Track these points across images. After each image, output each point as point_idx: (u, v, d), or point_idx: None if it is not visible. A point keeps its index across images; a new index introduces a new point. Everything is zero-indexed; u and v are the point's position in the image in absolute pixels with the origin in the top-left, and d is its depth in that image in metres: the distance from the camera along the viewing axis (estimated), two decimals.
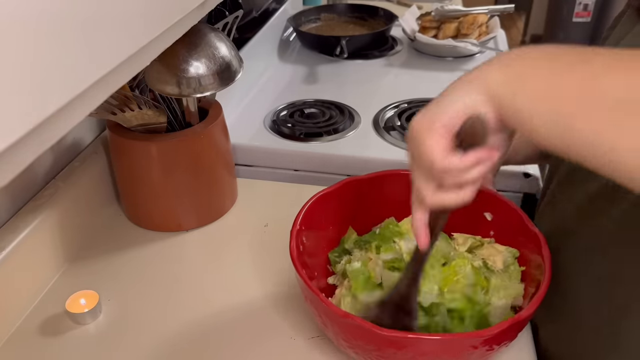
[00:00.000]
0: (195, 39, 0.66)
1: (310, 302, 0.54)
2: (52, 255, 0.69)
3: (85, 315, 0.63)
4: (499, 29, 1.37)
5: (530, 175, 0.87)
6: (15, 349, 0.60)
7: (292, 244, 0.58)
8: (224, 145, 0.77)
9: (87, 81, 0.30)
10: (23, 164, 0.27)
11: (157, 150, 0.71)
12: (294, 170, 0.93)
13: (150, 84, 0.67)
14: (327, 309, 0.51)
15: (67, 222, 0.71)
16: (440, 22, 1.37)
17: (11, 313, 0.63)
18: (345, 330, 0.52)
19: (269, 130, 1.00)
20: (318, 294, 0.52)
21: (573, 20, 3.13)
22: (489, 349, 0.51)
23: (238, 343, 0.61)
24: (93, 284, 0.68)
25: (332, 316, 0.51)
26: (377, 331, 0.48)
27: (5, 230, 0.63)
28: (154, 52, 0.40)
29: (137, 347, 0.61)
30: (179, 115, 0.77)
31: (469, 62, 1.31)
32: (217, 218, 0.79)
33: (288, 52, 1.36)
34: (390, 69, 1.28)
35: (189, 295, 0.67)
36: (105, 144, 0.80)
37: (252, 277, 0.70)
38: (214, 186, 0.77)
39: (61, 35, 0.27)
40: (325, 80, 1.21)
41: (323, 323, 0.54)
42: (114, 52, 0.32)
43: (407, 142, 0.47)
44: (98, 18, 0.30)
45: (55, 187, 0.71)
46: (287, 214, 0.64)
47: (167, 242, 0.75)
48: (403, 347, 0.49)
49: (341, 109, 1.06)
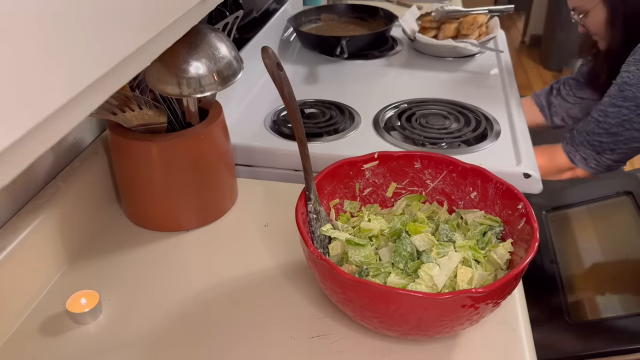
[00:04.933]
0: (195, 39, 0.66)
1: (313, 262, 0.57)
2: (52, 255, 0.69)
3: (86, 315, 0.63)
4: (499, 29, 1.37)
5: (530, 176, 0.87)
6: (16, 349, 0.60)
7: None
8: (224, 145, 0.78)
9: (87, 81, 0.30)
10: (23, 164, 0.27)
11: (158, 150, 0.71)
12: (294, 170, 0.93)
13: (150, 84, 0.67)
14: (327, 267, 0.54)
15: (68, 222, 0.71)
16: (440, 23, 1.37)
17: (12, 313, 0.63)
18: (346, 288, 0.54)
19: (269, 130, 1.00)
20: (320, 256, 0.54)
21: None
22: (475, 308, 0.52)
23: (238, 343, 0.61)
24: (93, 284, 0.68)
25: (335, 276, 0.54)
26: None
27: (5, 230, 0.63)
28: (154, 52, 0.40)
29: (137, 347, 0.61)
30: (179, 116, 0.77)
31: (469, 63, 1.31)
32: (217, 218, 0.80)
33: (288, 52, 1.36)
34: (390, 69, 1.28)
35: (189, 295, 0.67)
36: (105, 144, 0.80)
37: (252, 276, 0.70)
38: (214, 186, 0.77)
39: (60, 34, 0.27)
40: (325, 80, 1.22)
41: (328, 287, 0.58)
42: (114, 52, 0.32)
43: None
44: (97, 17, 0.30)
45: (56, 187, 0.71)
46: (287, 214, 0.64)
47: (167, 242, 0.76)
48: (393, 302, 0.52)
49: (341, 109, 1.06)
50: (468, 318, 0.54)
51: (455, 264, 0.60)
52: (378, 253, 0.63)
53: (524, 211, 0.61)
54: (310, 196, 0.64)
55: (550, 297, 1.06)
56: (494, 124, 1.02)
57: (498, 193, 0.66)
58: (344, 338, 0.61)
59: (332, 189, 0.69)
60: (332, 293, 0.57)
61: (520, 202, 0.62)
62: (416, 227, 0.64)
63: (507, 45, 1.42)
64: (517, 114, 1.05)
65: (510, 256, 0.62)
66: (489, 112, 1.06)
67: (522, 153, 0.92)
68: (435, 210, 0.71)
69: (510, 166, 0.89)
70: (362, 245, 0.63)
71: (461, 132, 0.99)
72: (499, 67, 1.28)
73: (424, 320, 0.53)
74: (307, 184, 0.64)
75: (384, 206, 0.73)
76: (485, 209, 0.68)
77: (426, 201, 0.72)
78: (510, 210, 0.64)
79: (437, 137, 0.97)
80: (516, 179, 0.87)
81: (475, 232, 0.65)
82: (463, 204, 0.70)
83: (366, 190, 0.72)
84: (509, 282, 0.53)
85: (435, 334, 0.56)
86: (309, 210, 0.64)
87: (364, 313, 0.56)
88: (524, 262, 0.54)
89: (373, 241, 0.66)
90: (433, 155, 0.70)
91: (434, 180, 0.71)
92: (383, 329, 0.57)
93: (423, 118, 1.03)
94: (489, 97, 1.13)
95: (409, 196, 0.72)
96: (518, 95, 1.15)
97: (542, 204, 1.29)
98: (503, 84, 1.20)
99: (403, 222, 0.66)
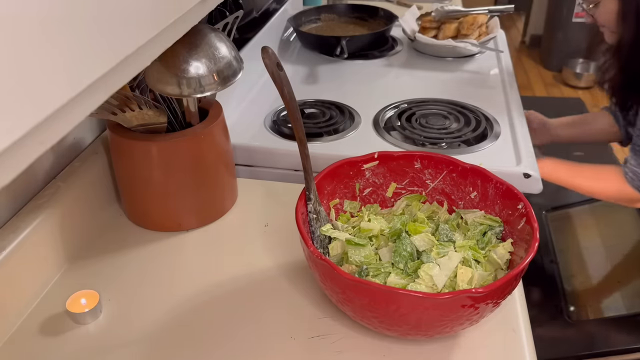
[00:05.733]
0: (195, 39, 0.66)
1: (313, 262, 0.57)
2: (52, 255, 0.69)
3: (86, 315, 0.63)
4: (499, 29, 1.37)
5: (530, 176, 0.87)
6: (16, 349, 0.60)
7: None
8: (224, 145, 0.78)
9: (87, 80, 0.30)
10: (23, 164, 0.27)
11: (158, 150, 0.71)
12: (294, 170, 0.93)
13: (150, 84, 0.67)
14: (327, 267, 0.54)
15: (68, 222, 0.71)
16: (440, 23, 1.37)
17: (12, 312, 0.63)
18: (346, 288, 0.54)
19: (269, 130, 1.00)
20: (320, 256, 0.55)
21: (573, 20, 3.14)
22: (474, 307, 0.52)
23: (238, 344, 0.61)
24: (93, 284, 0.68)
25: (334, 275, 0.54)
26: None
27: (5, 230, 0.63)
28: (155, 52, 0.40)
29: (137, 347, 0.61)
30: (179, 116, 0.77)
31: (469, 63, 1.31)
32: (217, 218, 0.80)
33: (288, 52, 1.36)
34: (390, 69, 1.28)
35: (189, 295, 0.67)
36: (105, 144, 0.80)
37: (252, 276, 0.70)
38: (214, 186, 0.77)
39: (61, 34, 0.27)
40: (325, 80, 1.22)
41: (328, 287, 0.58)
42: (114, 51, 0.32)
43: None
44: (98, 17, 0.30)
45: (56, 187, 0.71)
46: (287, 214, 0.64)
47: (167, 242, 0.76)
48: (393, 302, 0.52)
49: (341, 109, 1.06)
50: (468, 318, 0.54)
51: (455, 264, 0.60)
52: (378, 253, 0.63)
53: (524, 211, 0.62)
54: (310, 196, 0.64)
55: (550, 296, 1.06)
56: (494, 124, 1.02)
57: (498, 193, 0.66)
58: (344, 338, 0.61)
59: (332, 189, 0.69)
60: (332, 293, 0.57)
61: (520, 202, 0.62)
62: (416, 227, 0.64)
63: (507, 45, 1.42)
64: (517, 114, 1.05)
65: (510, 256, 0.62)
66: (489, 112, 1.06)
67: (522, 153, 0.92)
68: (435, 210, 0.71)
69: (510, 166, 0.89)
70: (362, 245, 0.63)
71: (461, 132, 0.99)
72: (499, 67, 1.28)
73: (424, 320, 0.53)
74: (307, 184, 0.64)
75: (384, 206, 0.73)
76: (485, 209, 0.68)
77: (426, 201, 0.72)
78: (510, 210, 0.64)
79: (437, 137, 0.97)
80: (516, 179, 0.87)
81: (475, 232, 0.65)
82: (463, 204, 0.70)
83: (366, 190, 0.72)
84: (509, 282, 0.53)
85: (435, 334, 0.56)
86: (309, 210, 0.64)
87: (364, 313, 0.56)
88: (524, 262, 0.54)
89: (373, 241, 0.66)
90: (433, 155, 0.70)
91: (434, 180, 0.71)
92: (383, 329, 0.57)
93: (423, 118, 1.03)
94: (489, 97, 1.13)
95: (409, 196, 0.72)
96: (518, 96, 1.15)
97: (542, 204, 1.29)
98: (503, 84, 1.20)
99: (403, 222, 0.66)
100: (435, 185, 0.71)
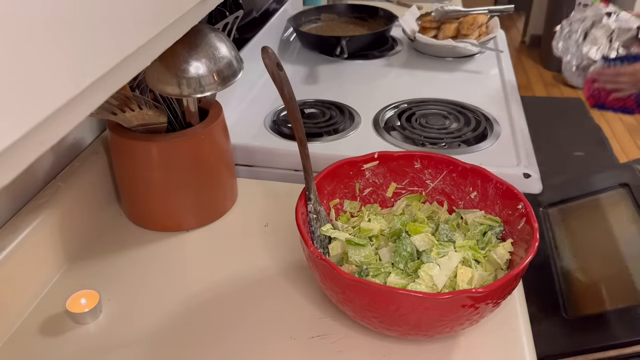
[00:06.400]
0: (195, 39, 0.66)
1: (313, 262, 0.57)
2: (52, 255, 0.69)
3: (86, 315, 0.63)
4: (499, 29, 1.37)
5: (530, 176, 0.87)
6: (16, 349, 0.60)
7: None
8: (224, 145, 0.78)
9: (87, 80, 0.30)
10: (23, 164, 0.27)
11: (158, 151, 0.71)
12: (294, 170, 0.93)
13: (150, 84, 0.67)
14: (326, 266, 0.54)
15: (68, 222, 0.71)
16: (440, 23, 1.37)
17: (12, 312, 0.63)
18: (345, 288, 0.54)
19: (269, 130, 1.00)
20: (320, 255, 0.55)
21: None
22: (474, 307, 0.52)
23: (238, 343, 0.61)
24: (93, 284, 0.68)
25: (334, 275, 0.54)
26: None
27: (5, 230, 0.63)
28: (155, 51, 0.40)
29: (137, 347, 0.61)
30: (179, 116, 0.77)
31: (469, 63, 1.31)
32: (217, 218, 0.80)
33: (288, 52, 1.36)
34: (390, 69, 1.28)
35: (188, 295, 0.67)
36: (105, 144, 0.80)
37: (252, 276, 0.70)
38: (214, 186, 0.77)
39: (61, 34, 0.27)
40: (325, 80, 1.22)
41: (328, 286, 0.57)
42: (114, 51, 0.32)
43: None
44: (98, 17, 0.30)
45: (56, 187, 0.71)
46: (287, 214, 0.64)
47: (167, 242, 0.76)
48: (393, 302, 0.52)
49: (341, 109, 1.06)
50: (468, 318, 0.54)
51: (455, 264, 0.60)
52: (378, 253, 0.63)
53: (524, 211, 0.62)
54: (310, 196, 0.64)
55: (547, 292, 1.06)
56: (494, 124, 1.02)
57: (498, 193, 0.66)
58: (344, 338, 0.61)
59: (332, 189, 0.69)
60: (332, 293, 0.57)
61: (520, 202, 0.62)
62: (416, 227, 0.64)
63: (507, 45, 1.42)
64: (517, 113, 1.05)
65: (510, 256, 0.62)
66: (489, 112, 1.06)
67: (522, 153, 0.92)
68: (435, 210, 0.71)
69: (510, 166, 0.89)
70: (362, 245, 0.63)
71: (461, 132, 0.99)
72: (499, 67, 1.28)
73: (424, 320, 0.53)
74: (307, 184, 0.64)
75: (384, 206, 0.73)
76: (485, 209, 0.68)
77: (426, 201, 0.72)
78: (510, 210, 0.64)
79: (437, 137, 0.97)
80: (516, 179, 0.86)
81: (475, 232, 0.65)
82: (463, 204, 0.70)
83: (366, 190, 0.72)
84: (509, 282, 0.53)
85: (435, 334, 0.56)
86: (309, 210, 0.64)
87: (364, 313, 0.56)
88: (524, 262, 0.54)
89: (373, 241, 0.66)
90: (433, 155, 0.70)
91: (434, 180, 0.71)
92: (383, 329, 0.57)
93: (423, 118, 1.03)
94: (489, 97, 1.13)
95: (409, 196, 0.72)
96: (518, 95, 1.15)
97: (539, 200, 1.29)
98: (503, 84, 1.19)
99: (403, 222, 0.66)
100: (435, 185, 0.71)
